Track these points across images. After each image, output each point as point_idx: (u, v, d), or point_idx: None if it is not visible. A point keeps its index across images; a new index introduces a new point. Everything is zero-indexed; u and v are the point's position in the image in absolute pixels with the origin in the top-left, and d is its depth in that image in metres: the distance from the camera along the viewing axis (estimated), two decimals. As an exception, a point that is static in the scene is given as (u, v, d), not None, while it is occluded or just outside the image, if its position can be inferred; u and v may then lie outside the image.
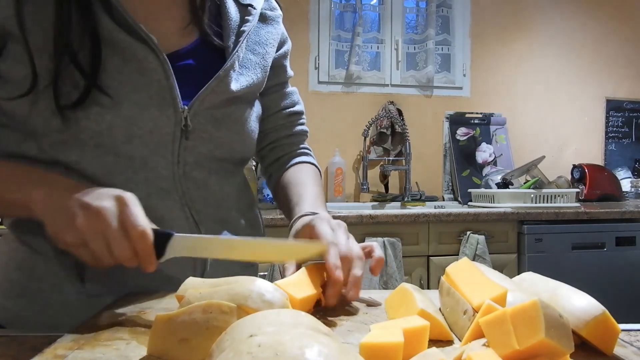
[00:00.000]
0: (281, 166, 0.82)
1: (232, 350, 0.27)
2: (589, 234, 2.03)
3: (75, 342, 0.42)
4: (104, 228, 0.48)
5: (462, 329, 0.42)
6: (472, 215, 1.96)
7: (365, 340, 0.35)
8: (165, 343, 0.39)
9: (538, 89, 2.88)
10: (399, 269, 1.87)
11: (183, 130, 0.62)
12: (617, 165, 2.94)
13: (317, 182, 0.79)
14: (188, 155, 0.64)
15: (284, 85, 0.82)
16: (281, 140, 0.83)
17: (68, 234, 0.49)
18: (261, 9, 0.73)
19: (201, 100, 0.63)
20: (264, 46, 0.73)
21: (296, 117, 0.84)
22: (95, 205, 0.49)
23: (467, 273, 0.47)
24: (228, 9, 0.70)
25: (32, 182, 0.56)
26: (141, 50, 0.58)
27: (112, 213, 0.49)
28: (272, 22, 0.75)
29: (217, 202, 0.68)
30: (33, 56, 0.55)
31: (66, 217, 0.49)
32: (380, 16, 2.69)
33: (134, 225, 0.48)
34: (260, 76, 0.72)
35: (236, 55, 0.66)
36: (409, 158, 2.54)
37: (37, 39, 0.55)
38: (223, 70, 0.64)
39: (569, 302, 0.40)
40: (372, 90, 2.64)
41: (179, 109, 0.61)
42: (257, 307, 0.41)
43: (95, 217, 0.48)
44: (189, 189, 0.64)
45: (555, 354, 0.32)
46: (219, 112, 0.65)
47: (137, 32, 0.58)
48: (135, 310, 0.52)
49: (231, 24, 0.69)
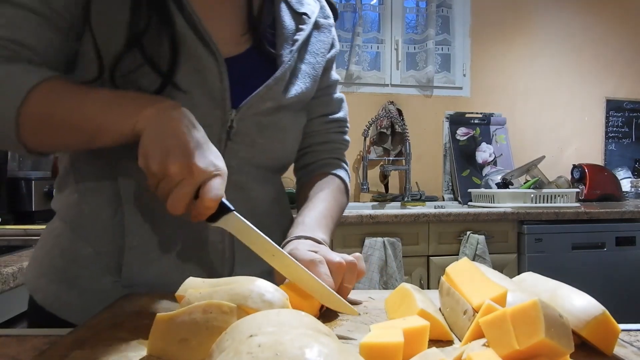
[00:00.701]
0: (308, 173, 0.81)
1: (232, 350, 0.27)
2: (589, 234, 2.03)
3: (75, 342, 0.42)
4: (184, 183, 0.50)
5: (462, 329, 0.42)
6: (472, 215, 1.96)
7: (365, 340, 0.35)
8: (165, 343, 0.39)
9: (538, 89, 2.88)
10: (399, 269, 1.87)
11: (228, 131, 0.63)
12: (617, 165, 2.94)
13: (332, 197, 0.76)
14: (230, 159, 0.64)
15: (327, 90, 0.80)
16: (314, 147, 0.81)
17: (156, 162, 0.50)
18: (315, 17, 0.72)
19: (249, 106, 0.64)
20: (315, 56, 0.73)
21: (334, 124, 0.82)
22: (197, 163, 0.50)
23: (467, 273, 0.47)
24: (282, 17, 0.70)
25: (134, 97, 0.56)
26: (202, 51, 0.60)
27: (201, 179, 0.51)
28: (325, 30, 0.75)
29: (253, 208, 0.68)
30: (100, 48, 0.57)
31: (168, 149, 0.50)
32: (380, 16, 2.70)
33: (214, 196, 0.51)
34: (310, 86, 0.71)
35: (288, 64, 0.66)
36: (409, 158, 2.54)
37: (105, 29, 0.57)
38: (273, 79, 0.65)
39: (569, 302, 0.40)
40: (372, 90, 2.64)
41: (228, 110, 0.63)
42: (257, 307, 0.41)
43: (187, 171, 0.50)
44: (227, 191, 0.65)
45: (555, 354, 0.32)
46: (265, 119, 0.66)
47: (201, 32, 0.59)
48: (135, 310, 0.52)
49: (285, 32, 0.69)
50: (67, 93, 0.55)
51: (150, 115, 0.52)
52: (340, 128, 0.83)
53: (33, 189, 1.60)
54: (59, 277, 0.65)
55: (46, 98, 0.54)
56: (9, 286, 0.90)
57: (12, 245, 1.18)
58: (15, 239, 1.31)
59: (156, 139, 0.51)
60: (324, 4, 0.77)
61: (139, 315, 0.50)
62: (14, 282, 0.91)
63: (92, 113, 0.54)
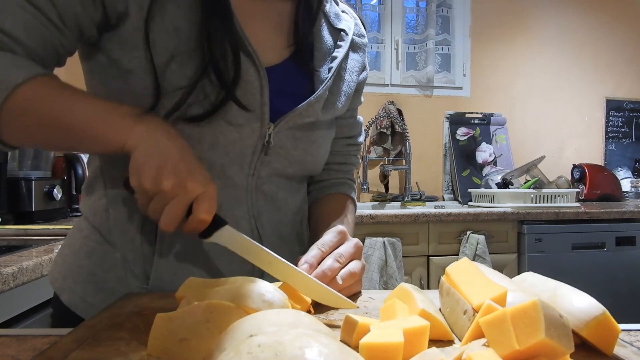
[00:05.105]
0: (322, 189, 0.81)
1: (232, 350, 0.27)
2: (589, 234, 2.03)
3: (75, 342, 0.42)
4: (176, 201, 0.51)
5: (462, 329, 0.42)
6: (472, 215, 1.96)
7: (365, 340, 0.35)
8: (165, 343, 0.38)
9: (538, 89, 2.88)
10: (399, 269, 1.87)
11: (265, 145, 0.63)
12: (617, 165, 2.94)
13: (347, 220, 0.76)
14: (263, 169, 0.65)
15: (353, 112, 0.81)
16: (332, 166, 0.82)
17: (148, 180, 0.51)
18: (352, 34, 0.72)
19: (287, 120, 0.64)
20: (350, 74, 0.72)
21: (354, 147, 0.84)
22: (190, 181, 0.51)
23: (467, 273, 0.47)
24: (322, 31, 0.70)
25: (125, 113, 0.55)
26: (245, 62, 0.59)
27: (192, 196, 0.51)
28: (359, 50, 0.75)
29: (280, 218, 0.69)
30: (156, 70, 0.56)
31: (160, 167, 0.51)
32: (380, 16, 2.70)
33: (206, 213, 0.52)
34: (344, 103, 0.71)
35: (329, 82, 0.66)
36: (409, 158, 2.54)
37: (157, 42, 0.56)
38: (315, 97, 0.64)
39: (569, 302, 0.40)
40: (372, 90, 2.64)
41: (266, 124, 0.62)
42: (257, 307, 0.41)
43: (179, 189, 0.51)
44: (258, 201, 0.65)
45: (555, 354, 0.32)
46: (300, 133, 0.66)
47: (245, 44, 0.59)
48: (135, 310, 0.52)
49: (324, 48, 0.69)
50: (56, 94, 0.54)
51: (141, 132, 0.53)
52: (357, 151, 0.85)
53: (33, 189, 1.60)
54: (85, 279, 0.64)
55: (34, 96, 0.52)
56: (9, 286, 0.90)
57: (12, 245, 1.18)
58: (15, 239, 1.31)
59: (148, 156, 0.51)
60: (359, 22, 0.77)
61: (139, 315, 0.50)
62: (14, 282, 0.91)
63: (80, 120, 0.53)
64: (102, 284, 0.63)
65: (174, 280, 0.62)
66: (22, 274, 0.93)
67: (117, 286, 0.63)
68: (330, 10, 0.72)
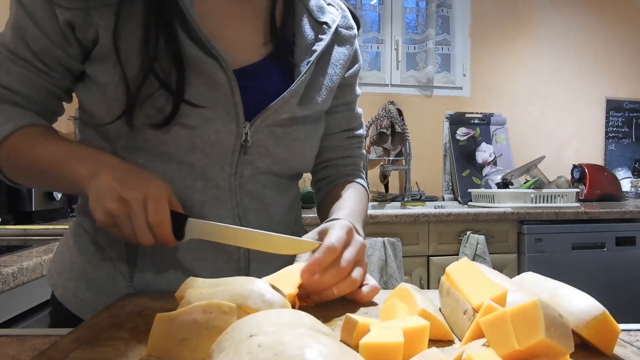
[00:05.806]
0: (329, 183, 0.81)
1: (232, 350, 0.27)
2: (589, 234, 2.03)
3: (75, 342, 0.42)
4: (131, 216, 0.54)
5: (462, 329, 0.42)
6: (472, 215, 1.96)
7: (365, 340, 0.35)
8: (165, 343, 0.39)
9: (538, 89, 2.88)
10: (399, 269, 1.87)
11: (242, 145, 0.63)
12: (617, 165, 2.94)
13: (360, 200, 0.76)
14: (245, 168, 0.65)
15: (350, 105, 0.80)
16: (336, 161, 0.82)
17: (101, 213, 0.54)
18: (337, 26, 0.71)
19: (263, 118, 0.64)
20: (334, 67, 0.71)
21: (355, 140, 0.83)
22: (126, 194, 0.53)
23: (467, 273, 0.47)
24: (303, 26, 0.69)
25: (78, 158, 0.59)
26: (211, 66, 0.59)
27: (139, 204, 0.54)
28: (346, 42, 0.73)
29: (269, 216, 0.69)
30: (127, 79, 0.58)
31: (102, 198, 0.54)
32: (380, 16, 2.70)
33: (154, 215, 0.54)
34: (326, 97, 0.70)
35: (304, 77, 0.66)
36: (409, 158, 2.54)
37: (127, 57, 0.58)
38: (289, 92, 0.64)
39: (569, 302, 0.40)
40: (372, 90, 2.64)
41: (241, 124, 0.63)
42: (257, 307, 0.41)
43: (124, 205, 0.53)
44: (243, 200, 0.66)
45: (555, 354, 0.32)
46: (280, 130, 0.66)
47: (208, 48, 0.59)
48: (135, 310, 0.52)
49: (304, 42, 0.68)
50: (32, 144, 0.60)
51: (87, 179, 0.56)
52: (360, 143, 0.84)
53: (33, 189, 1.60)
54: (77, 276, 0.67)
55: (17, 145, 0.60)
56: (9, 286, 0.90)
57: (12, 245, 1.18)
58: (15, 239, 1.31)
59: (94, 197, 0.55)
60: (347, 14, 0.75)
61: (139, 315, 0.50)
62: (14, 282, 0.91)
63: (48, 166, 0.59)
64: (93, 281, 0.65)
65: (158, 280, 0.64)
66: (22, 274, 0.93)
67: (106, 284, 0.65)
68: (313, 4, 0.71)
